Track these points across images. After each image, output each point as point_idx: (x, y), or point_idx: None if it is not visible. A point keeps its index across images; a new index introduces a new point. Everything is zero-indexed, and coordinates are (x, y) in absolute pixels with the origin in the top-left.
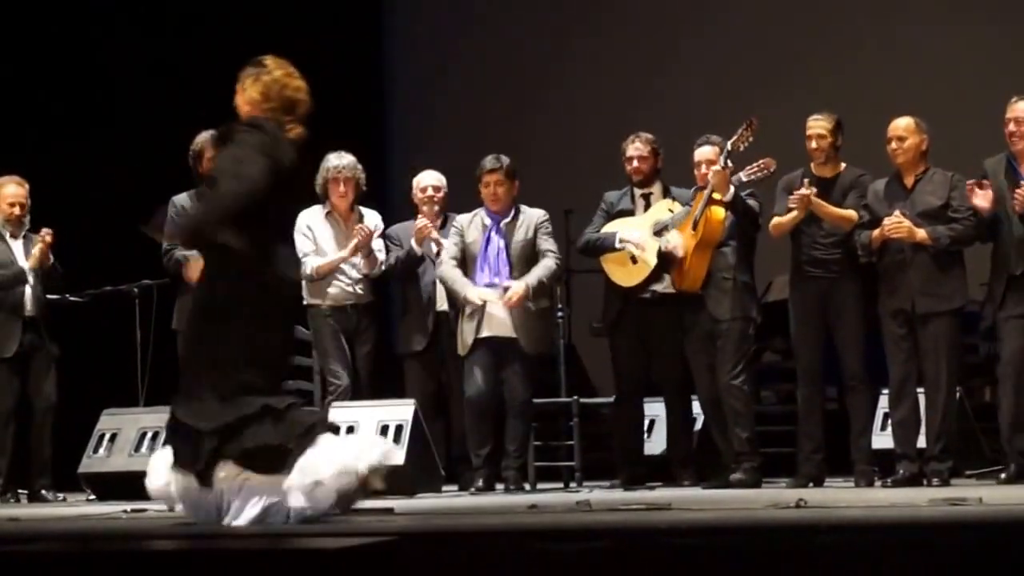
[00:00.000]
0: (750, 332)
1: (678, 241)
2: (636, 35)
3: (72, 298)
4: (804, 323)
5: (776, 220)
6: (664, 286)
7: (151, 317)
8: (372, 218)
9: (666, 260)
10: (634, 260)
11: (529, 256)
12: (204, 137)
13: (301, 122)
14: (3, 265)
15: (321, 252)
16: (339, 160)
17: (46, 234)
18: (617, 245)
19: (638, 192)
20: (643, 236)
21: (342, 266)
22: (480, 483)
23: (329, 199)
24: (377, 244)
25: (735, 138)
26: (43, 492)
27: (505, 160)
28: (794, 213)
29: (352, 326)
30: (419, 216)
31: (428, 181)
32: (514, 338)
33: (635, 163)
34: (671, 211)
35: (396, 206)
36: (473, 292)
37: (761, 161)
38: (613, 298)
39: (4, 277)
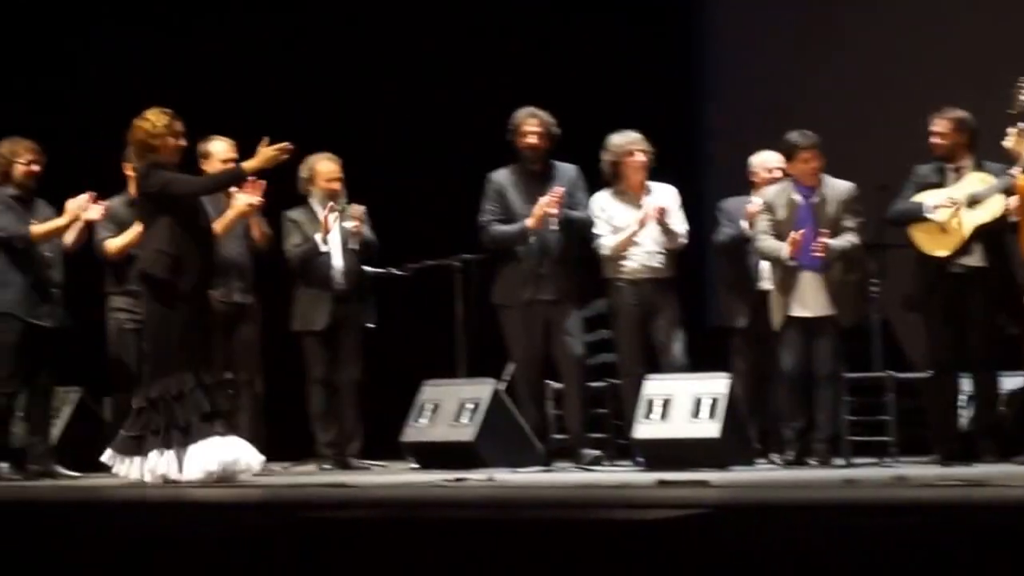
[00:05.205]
0: None
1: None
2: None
3: (395, 272)
4: None
5: None
6: (975, 259)
7: (471, 291)
8: (663, 192)
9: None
10: (944, 230)
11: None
12: (525, 112)
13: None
14: (307, 239)
15: (617, 230)
16: (623, 138)
17: (360, 213)
18: (926, 214)
19: (949, 166)
20: (956, 204)
21: (639, 240)
22: (790, 455)
23: (620, 177)
24: (677, 216)
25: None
26: (350, 460)
27: (814, 135)
28: None
29: (648, 299)
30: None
31: (756, 160)
32: (826, 315)
33: (935, 139)
34: (985, 183)
35: (719, 180)
36: (783, 251)
37: None
38: (924, 270)
39: (304, 251)
